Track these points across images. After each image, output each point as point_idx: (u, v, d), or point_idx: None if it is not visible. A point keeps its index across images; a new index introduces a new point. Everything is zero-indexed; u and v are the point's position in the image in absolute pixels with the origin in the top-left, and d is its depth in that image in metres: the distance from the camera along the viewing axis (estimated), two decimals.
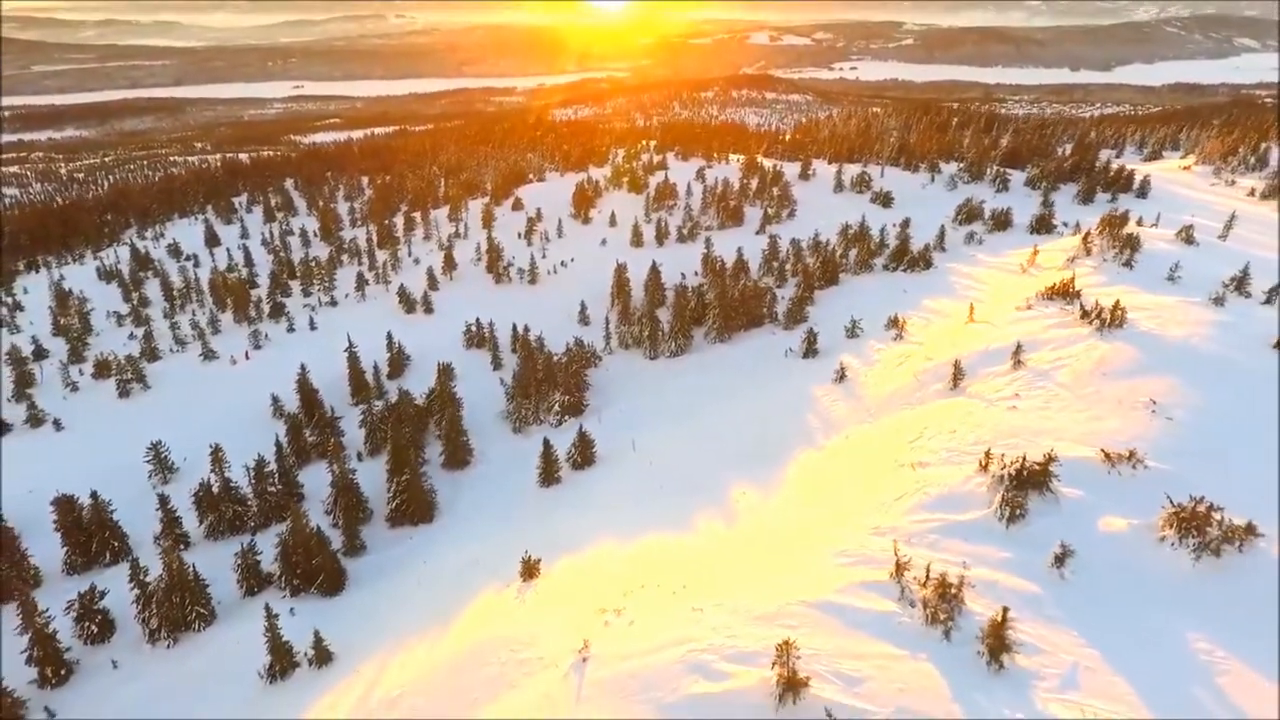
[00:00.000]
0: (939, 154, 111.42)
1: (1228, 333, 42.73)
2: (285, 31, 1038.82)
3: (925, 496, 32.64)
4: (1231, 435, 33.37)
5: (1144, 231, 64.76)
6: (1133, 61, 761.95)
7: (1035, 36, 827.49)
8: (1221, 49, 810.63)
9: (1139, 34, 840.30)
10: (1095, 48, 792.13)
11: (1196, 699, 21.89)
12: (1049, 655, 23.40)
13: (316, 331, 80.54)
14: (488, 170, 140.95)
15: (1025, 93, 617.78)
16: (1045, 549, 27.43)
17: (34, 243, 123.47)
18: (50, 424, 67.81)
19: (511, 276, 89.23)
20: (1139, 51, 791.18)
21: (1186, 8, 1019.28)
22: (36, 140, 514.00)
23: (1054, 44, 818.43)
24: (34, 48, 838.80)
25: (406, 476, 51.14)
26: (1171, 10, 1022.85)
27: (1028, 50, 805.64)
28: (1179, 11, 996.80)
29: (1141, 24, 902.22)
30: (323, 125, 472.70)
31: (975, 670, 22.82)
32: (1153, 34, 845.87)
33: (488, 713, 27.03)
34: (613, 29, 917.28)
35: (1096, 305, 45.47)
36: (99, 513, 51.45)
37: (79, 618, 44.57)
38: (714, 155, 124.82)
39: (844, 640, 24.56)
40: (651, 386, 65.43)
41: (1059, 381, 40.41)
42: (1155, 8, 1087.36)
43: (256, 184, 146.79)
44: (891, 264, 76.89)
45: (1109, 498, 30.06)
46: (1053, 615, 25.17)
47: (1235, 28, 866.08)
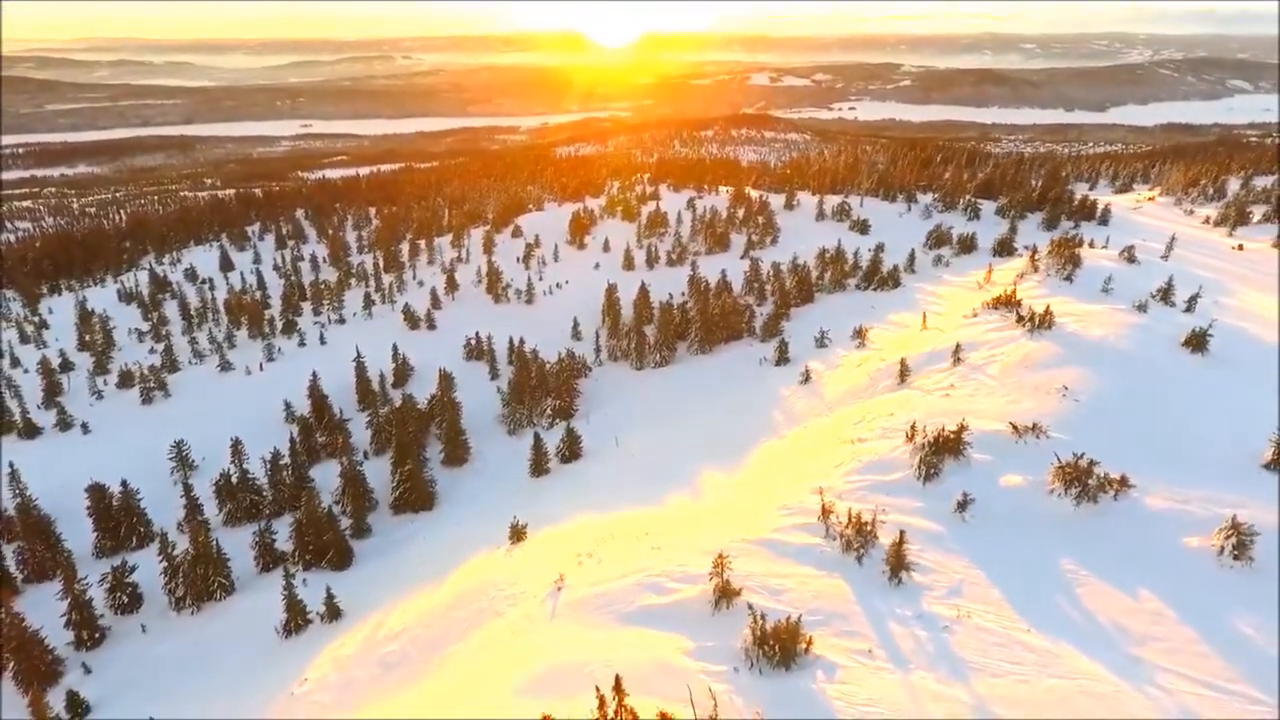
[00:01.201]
0: (917, 186, 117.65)
1: (1142, 333, 48.07)
2: (294, 72, 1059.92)
3: (859, 463, 37.76)
4: (1125, 412, 38.59)
5: (1091, 252, 70.34)
6: (1127, 102, 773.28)
7: (1030, 78, 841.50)
8: (1214, 90, 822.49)
9: (1132, 76, 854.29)
10: (1089, 89, 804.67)
11: (1056, 603, 26.83)
12: (941, 574, 28.36)
13: (326, 346, 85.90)
14: (490, 201, 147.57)
15: (1020, 132, 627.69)
16: (952, 499, 32.48)
17: (56, 268, 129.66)
18: (78, 427, 72.97)
19: (510, 297, 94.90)
20: (1133, 93, 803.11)
21: (1179, 51, 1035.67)
22: (49, 176, 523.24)
23: (1049, 85, 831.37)
24: (49, 86, 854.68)
25: (409, 467, 56.14)
26: (1165, 53, 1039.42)
27: (1023, 91, 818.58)
28: (1172, 54, 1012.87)
29: (1135, 66, 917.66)
30: (330, 162, 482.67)
31: (878, 584, 27.75)
32: (1146, 76, 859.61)
33: (476, 636, 31.83)
34: (616, 70, 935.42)
35: (1030, 311, 50.76)
36: (127, 500, 56.38)
37: (111, 589, 49.31)
38: (704, 187, 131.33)
39: (774, 565, 29.53)
40: (637, 393, 70.63)
41: (989, 374, 45.62)
42: (1148, 51, 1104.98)
43: (268, 214, 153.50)
44: (863, 283, 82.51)
45: (1013, 461, 35.16)
46: (950, 547, 30.15)
47: (1228, 70, 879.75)
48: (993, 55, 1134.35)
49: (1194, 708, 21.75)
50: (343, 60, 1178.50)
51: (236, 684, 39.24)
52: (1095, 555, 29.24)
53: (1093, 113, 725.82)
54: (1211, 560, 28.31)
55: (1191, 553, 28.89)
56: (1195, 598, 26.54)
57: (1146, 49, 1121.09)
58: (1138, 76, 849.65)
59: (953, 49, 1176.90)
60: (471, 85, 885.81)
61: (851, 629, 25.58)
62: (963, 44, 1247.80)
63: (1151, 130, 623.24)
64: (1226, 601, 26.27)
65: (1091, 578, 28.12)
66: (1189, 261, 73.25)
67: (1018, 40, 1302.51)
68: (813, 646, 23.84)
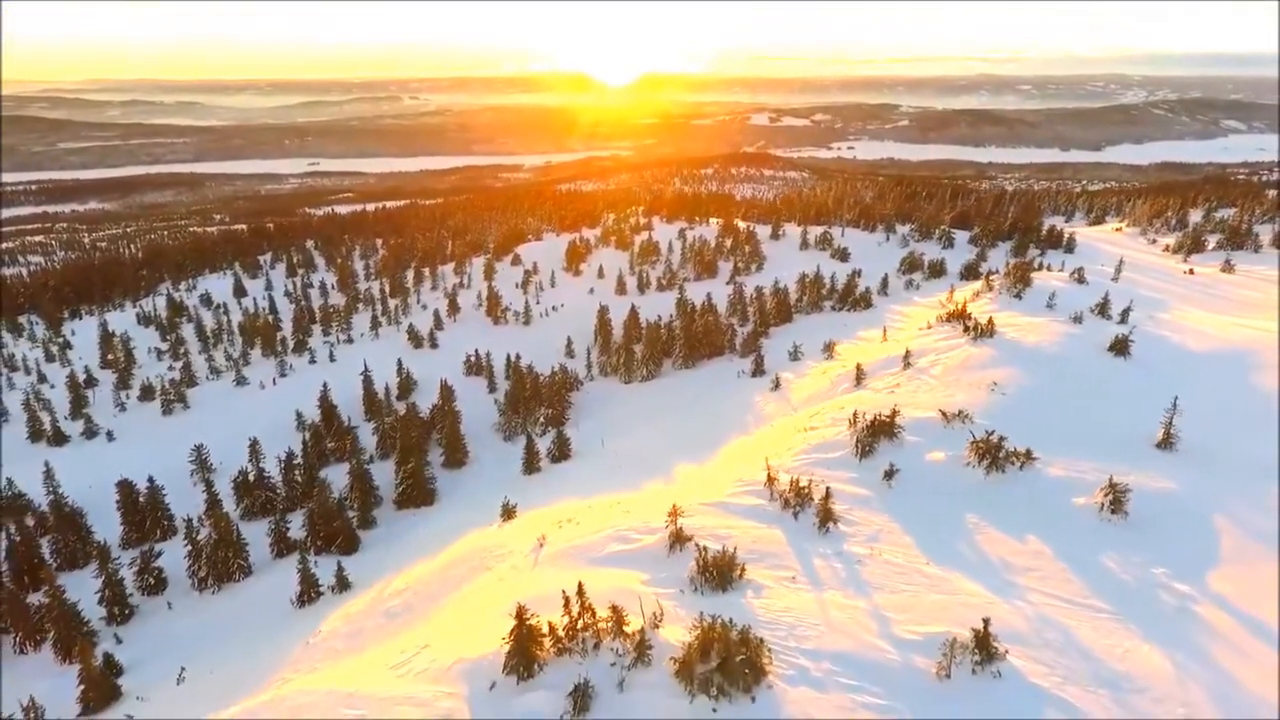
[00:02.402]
0: (897, 217, 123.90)
1: (1073, 340, 53.52)
2: (303, 111, 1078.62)
3: (808, 446, 43.05)
4: (1044, 403, 43.94)
5: (1043, 275, 76.06)
6: (1122, 142, 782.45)
7: (1027, 118, 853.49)
8: (1209, 130, 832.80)
9: (1128, 116, 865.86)
10: (1085, 129, 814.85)
11: (956, 546, 31.94)
12: (863, 526, 33.52)
13: (335, 363, 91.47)
14: (491, 232, 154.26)
15: (1017, 171, 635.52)
16: (881, 470, 37.69)
17: (77, 294, 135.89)
18: (103, 435, 78.34)
19: (508, 319, 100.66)
20: (1128, 133, 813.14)
21: (1174, 92, 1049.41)
22: (60, 212, 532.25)
23: (1045, 125, 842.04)
24: (61, 125, 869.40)
25: (412, 465, 61.33)
26: (1159, 94, 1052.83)
27: (1019, 131, 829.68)
28: (1167, 95, 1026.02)
29: (1130, 107, 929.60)
30: (336, 199, 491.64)
31: (809, 533, 32.92)
32: (1141, 116, 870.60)
33: (468, 586, 36.79)
34: (618, 110, 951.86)
35: (975, 322, 56.22)
36: (153, 495, 61.50)
37: (139, 571, 54.30)
38: (695, 219, 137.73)
39: (723, 520, 34.65)
40: (624, 403, 75.92)
41: (933, 375, 50.99)
42: (1143, 92, 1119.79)
43: (279, 244, 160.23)
44: (838, 305, 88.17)
45: (939, 441, 40.42)
46: (875, 507, 35.35)
47: (1221, 110, 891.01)
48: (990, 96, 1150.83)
49: (1049, 614, 26.86)
50: (351, 100, 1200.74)
51: (255, 645, 43.96)
52: (996, 512, 34.42)
53: (1089, 152, 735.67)
54: (1093, 515, 33.47)
55: (1077, 509, 34.05)
56: (1073, 542, 31.69)
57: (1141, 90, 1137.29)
58: (1133, 117, 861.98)
59: (950, 90, 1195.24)
60: (476, 125, 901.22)
61: (781, 564, 30.76)
62: (960, 85, 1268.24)
63: (1146, 169, 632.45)
64: (1098, 544, 31.42)
65: (989, 528, 33.30)
66: (1137, 283, 78.81)
67: (1014, 82, 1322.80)
68: (745, 574, 29.09)
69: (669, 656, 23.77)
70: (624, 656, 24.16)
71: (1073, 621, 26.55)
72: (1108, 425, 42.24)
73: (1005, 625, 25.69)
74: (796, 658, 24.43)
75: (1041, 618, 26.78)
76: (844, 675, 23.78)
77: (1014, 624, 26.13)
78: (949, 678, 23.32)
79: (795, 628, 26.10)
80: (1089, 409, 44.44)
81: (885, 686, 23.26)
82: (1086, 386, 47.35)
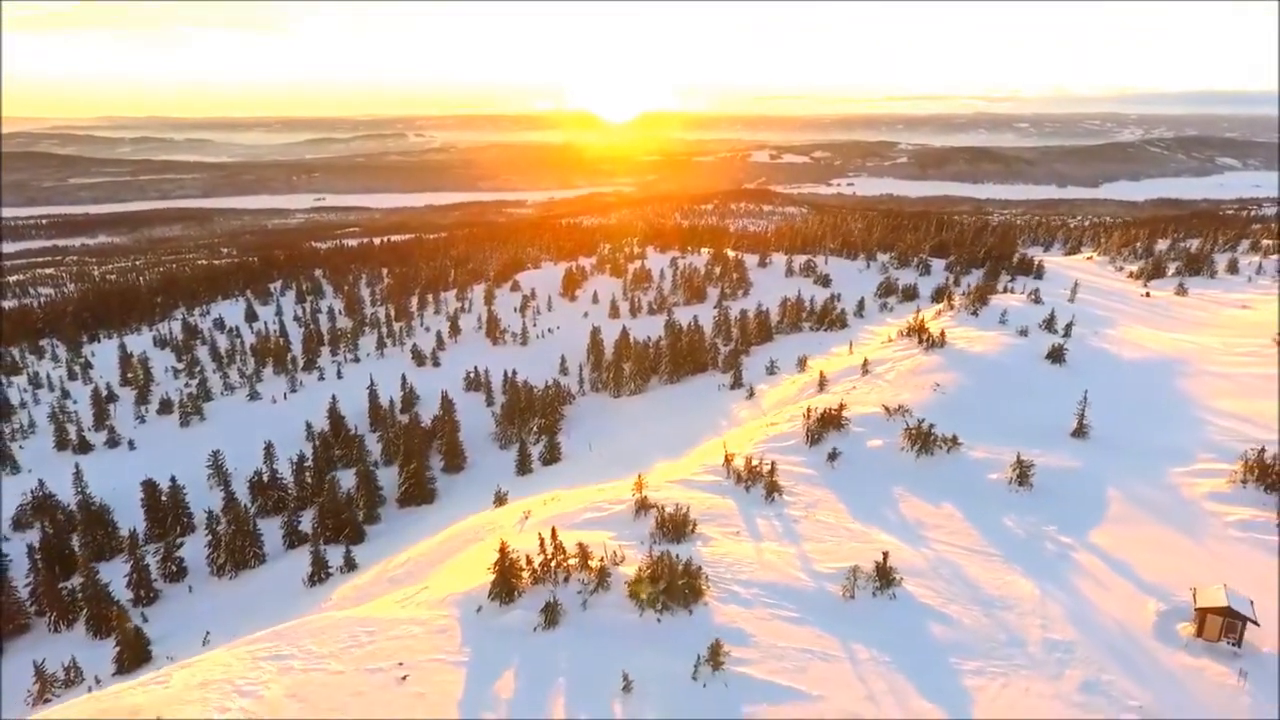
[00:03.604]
0: (879, 246, 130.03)
1: (1015, 349, 59.14)
2: (311, 148, 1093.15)
3: (767, 437, 48.41)
4: (978, 400, 49.52)
5: (1003, 296, 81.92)
6: (1119, 179, 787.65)
7: (1024, 156, 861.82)
8: (1204, 167, 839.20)
9: (1124, 154, 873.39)
10: (1082, 166, 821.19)
11: (880, 511, 37.26)
12: (805, 496, 38.81)
13: (342, 380, 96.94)
14: (492, 261, 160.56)
15: (1014, 206, 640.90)
16: (825, 454, 42.93)
17: (95, 318, 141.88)
18: (125, 445, 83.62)
19: (506, 340, 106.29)
20: (1125, 170, 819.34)
21: (1170, 130, 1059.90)
22: (70, 245, 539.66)
23: (1042, 163, 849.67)
24: (72, 161, 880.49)
25: (414, 466, 66.45)
26: (1156, 133, 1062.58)
27: (1017, 168, 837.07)
28: (1163, 134, 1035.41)
29: (1126, 144, 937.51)
30: (342, 233, 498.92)
31: (757, 502, 38.22)
32: (1137, 154, 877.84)
33: (461, 554, 41.85)
34: (621, 147, 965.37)
35: (929, 335, 61.70)
36: (175, 494, 66.63)
37: (163, 560, 59.23)
38: (687, 248, 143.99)
39: (684, 492, 39.91)
40: (613, 414, 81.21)
41: (886, 379, 56.44)
42: (1140, 130, 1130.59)
43: (289, 272, 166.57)
44: (816, 325, 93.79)
45: (880, 431, 45.82)
46: (817, 482, 40.66)
47: (1217, 148, 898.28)
48: (987, 134, 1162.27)
49: (947, 557, 32.12)
50: (357, 137, 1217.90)
51: (271, 616, 48.79)
52: (921, 486, 39.80)
53: (1086, 188, 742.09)
54: (1003, 487, 38.86)
55: (990, 483, 39.41)
56: (981, 507, 37.04)
57: (1138, 128, 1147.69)
58: (1129, 154, 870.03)
59: (949, 128, 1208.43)
60: (481, 161, 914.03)
61: (729, 523, 36.12)
62: (958, 123, 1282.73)
63: (1141, 205, 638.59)
64: (1003, 509, 36.83)
65: (912, 497, 38.65)
66: (1092, 304, 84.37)
67: (1012, 120, 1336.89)
68: (697, 529, 34.54)
69: (624, 582, 29.07)
70: (588, 585, 29.59)
71: (965, 562, 31.82)
72: (1033, 418, 47.61)
73: (908, 564, 31.01)
74: (731, 586, 29.74)
75: (940, 559, 32.06)
76: (767, 598, 29.10)
77: (915, 564, 31.42)
78: (852, 599, 28.69)
79: (733, 566, 31.43)
80: (1019, 405, 49.85)
81: (800, 605, 28.56)
82: (1020, 387, 52.86)
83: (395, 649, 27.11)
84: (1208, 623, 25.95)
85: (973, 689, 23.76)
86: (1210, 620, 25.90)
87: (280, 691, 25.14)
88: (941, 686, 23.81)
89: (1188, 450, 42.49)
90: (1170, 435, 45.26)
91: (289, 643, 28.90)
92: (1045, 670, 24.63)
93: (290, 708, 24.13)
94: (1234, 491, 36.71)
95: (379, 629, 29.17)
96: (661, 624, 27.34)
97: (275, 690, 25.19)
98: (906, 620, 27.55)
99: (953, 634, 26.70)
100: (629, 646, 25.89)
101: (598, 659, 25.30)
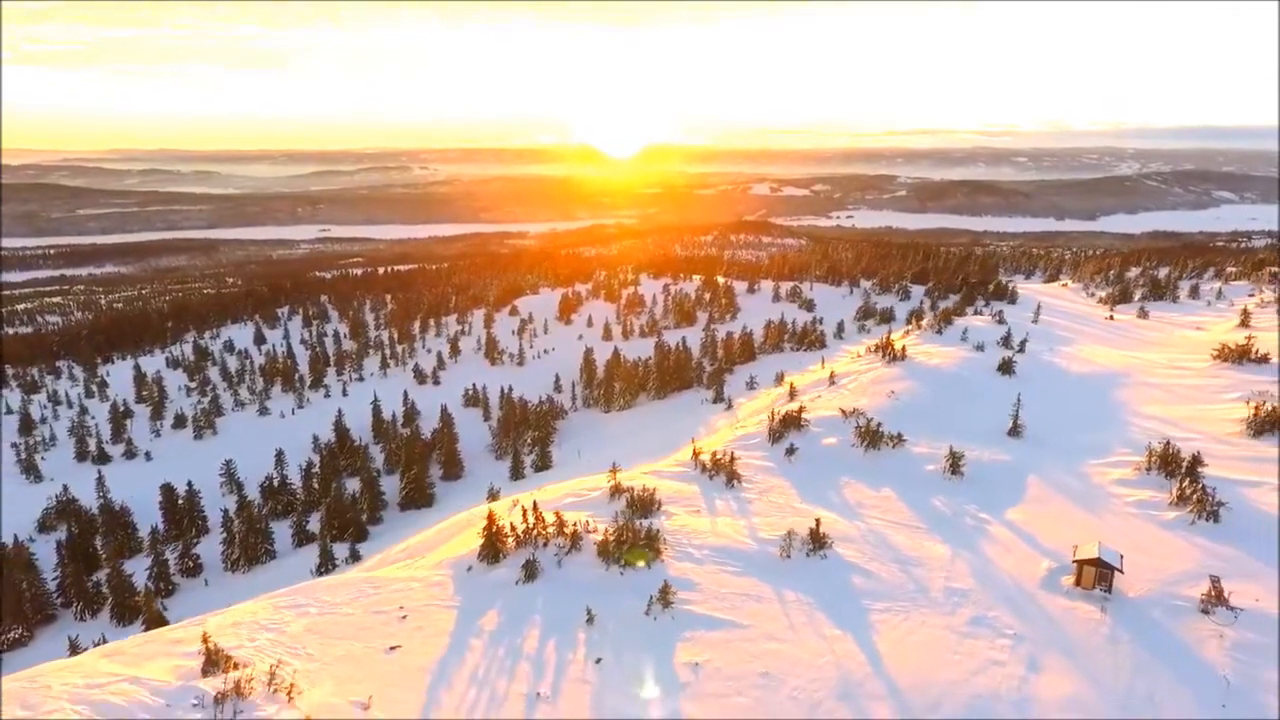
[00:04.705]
0: (862, 273, 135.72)
1: (969, 362, 64.21)
2: (316, 180, 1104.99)
3: (735, 436, 53.34)
4: (928, 405, 54.50)
5: (973, 318, 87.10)
6: (1116, 212, 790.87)
7: (1022, 189, 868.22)
8: (1201, 200, 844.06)
9: (1121, 187, 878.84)
10: (1080, 199, 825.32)
11: (826, 494, 42.03)
12: (761, 484, 43.65)
13: (348, 397, 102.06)
14: (492, 288, 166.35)
15: (1011, 239, 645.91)
16: (784, 450, 47.85)
17: (110, 341, 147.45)
18: (142, 456, 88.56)
19: (504, 360, 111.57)
20: (1122, 203, 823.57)
21: (1167, 164, 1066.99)
22: (78, 275, 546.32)
23: (1040, 196, 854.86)
24: (81, 193, 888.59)
25: (414, 472, 71.29)
26: (1152, 167, 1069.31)
27: (1015, 201, 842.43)
28: (1160, 167, 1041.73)
29: (1123, 178, 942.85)
30: (346, 263, 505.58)
31: (718, 488, 43.08)
32: (1135, 187, 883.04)
33: (455, 539, 46.56)
34: (623, 180, 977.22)
35: (892, 350, 66.84)
36: (191, 498, 71.44)
37: (181, 556, 63.92)
38: (680, 275, 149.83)
39: (654, 481, 44.74)
40: (603, 427, 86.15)
41: (849, 389, 61.46)
42: (1137, 164, 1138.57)
43: (296, 299, 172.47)
44: (796, 346, 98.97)
45: (835, 430, 50.71)
46: (774, 472, 45.49)
47: (1214, 182, 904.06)
48: (986, 168, 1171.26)
49: (877, 529, 36.95)
50: (362, 170, 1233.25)
51: None
52: (865, 475, 44.68)
53: (1083, 221, 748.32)
54: (939, 476, 43.71)
55: (927, 472, 44.28)
56: (916, 491, 41.87)
57: (1135, 162, 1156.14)
58: (1126, 188, 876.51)
59: (947, 162, 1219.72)
60: (484, 194, 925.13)
61: (691, 504, 41.02)
62: (957, 157, 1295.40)
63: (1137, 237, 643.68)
64: (934, 492, 41.67)
65: (856, 484, 43.53)
66: (1055, 325, 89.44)
67: (1010, 154, 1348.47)
68: (662, 507, 39.36)
69: (595, 544, 33.93)
70: (563, 548, 34.43)
71: (891, 532, 36.69)
72: (978, 421, 52.53)
73: (841, 533, 35.90)
74: (686, 549, 34.64)
75: (870, 530, 36.96)
76: (716, 557, 33.98)
77: (848, 532, 36.30)
78: (789, 558, 33.56)
79: (690, 535, 36.33)
80: (966, 410, 54.81)
81: (743, 563, 33.44)
82: (970, 395, 57.87)
83: (397, 598, 31.90)
84: (1084, 573, 30.71)
85: (877, 622, 28.55)
86: (1086, 570, 30.67)
87: (300, 628, 29.90)
88: (851, 620, 28.60)
89: (1108, 446, 47.33)
90: (1096, 435, 50.10)
91: (305, 596, 33.65)
92: (942, 609, 29.41)
93: (309, 639, 28.88)
94: (1139, 478, 41.49)
95: (384, 585, 33.99)
96: (624, 576, 32.19)
97: (295, 627, 29.95)
98: (832, 574, 32.37)
99: (870, 584, 31.50)
100: (595, 593, 30.70)
101: (568, 602, 30.12)
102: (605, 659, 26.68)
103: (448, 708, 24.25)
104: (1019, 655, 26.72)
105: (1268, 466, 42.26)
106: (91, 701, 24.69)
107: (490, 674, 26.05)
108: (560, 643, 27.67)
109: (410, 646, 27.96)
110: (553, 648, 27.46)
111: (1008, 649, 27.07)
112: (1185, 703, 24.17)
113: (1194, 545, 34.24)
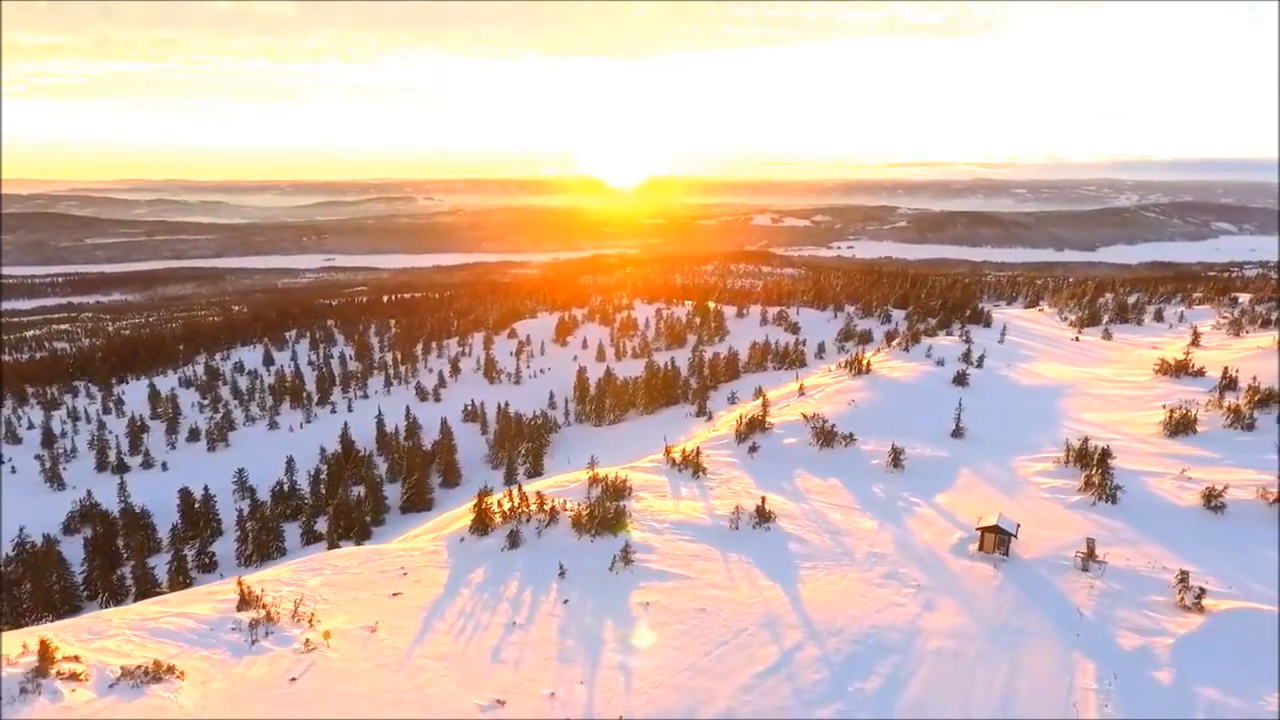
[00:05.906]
0: (846, 298, 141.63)
1: (928, 375, 69.76)
2: (321, 210, 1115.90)
3: (707, 438, 58.78)
4: (884, 412, 60.02)
5: (941, 338, 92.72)
6: (1115, 243, 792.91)
7: (1022, 220, 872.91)
8: (1199, 232, 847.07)
9: (1120, 218, 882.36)
10: (1079, 230, 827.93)
11: (779, 483, 47.34)
12: (725, 476, 49.04)
13: (353, 412, 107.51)
14: (492, 312, 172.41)
15: (1010, 269, 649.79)
16: (748, 448, 53.26)
17: (123, 363, 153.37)
18: (159, 466, 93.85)
19: (502, 379, 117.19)
20: (1121, 234, 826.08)
21: (1166, 195, 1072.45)
22: (85, 303, 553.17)
23: (1039, 227, 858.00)
24: (89, 223, 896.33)
25: (416, 477, 76.57)
26: (1151, 198, 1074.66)
27: (1015, 232, 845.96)
28: (1159, 199, 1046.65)
29: (1122, 209, 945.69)
30: (350, 291, 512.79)
31: (685, 479, 48.44)
32: (1133, 218, 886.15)
33: (450, 526, 51.78)
34: (625, 211, 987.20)
35: (859, 364, 72.39)
36: (207, 501, 76.70)
37: (198, 554, 69.03)
38: (673, 300, 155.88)
39: (629, 474, 50.02)
40: (593, 440, 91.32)
41: (815, 399, 66.91)
42: (1135, 195, 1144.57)
43: (303, 322, 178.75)
44: (778, 365, 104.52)
45: (795, 432, 56.12)
46: (737, 466, 50.87)
47: (1213, 213, 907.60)
48: (985, 199, 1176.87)
49: (819, 509, 42.25)
50: (367, 200, 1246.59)
51: None
52: (817, 468, 50.05)
53: (1082, 251, 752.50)
54: (882, 469, 49.08)
55: (872, 465, 49.65)
56: (860, 481, 47.20)
57: (1134, 194, 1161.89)
58: (1125, 219, 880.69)
59: (947, 193, 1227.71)
60: (488, 224, 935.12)
61: (659, 491, 46.36)
62: (957, 189, 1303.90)
63: (1135, 267, 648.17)
64: (875, 481, 47.07)
65: (807, 475, 48.88)
66: (1021, 345, 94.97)
67: (1009, 186, 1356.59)
68: (633, 493, 44.58)
69: (569, 518, 39.29)
70: (543, 521, 39.73)
71: (830, 511, 42.09)
72: (927, 424, 57.92)
73: (785, 511, 41.27)
74: (650, 523, 40.02)
75: (813, 509, 42.33)
76: (674, 530, 39.37)
77: (792, 511, 41.65)
78: (737, 529, 38.96)
79: (655, 513, 41.71)
80: (919, 416, 60.21)
81: (697, 533, 38.84)
82: (924, 403, 63.29)
83: (399, 562, 37.20)
84: (985, 539, 35.99)
85: (803, 575, 33.85)
86: (986, 537, 35.95)
87: (316, 583, 35.20)
88: (782, 574, 33.90)
89: (1039, 445, 52.71)
90: (1031, 436, 55.49)
91: (319, 563, 38.93)
92: (861, 567, 34.71)
93: (324, 590, 34.19)
94: (1057, 470, 46.82)
95: (387, 553, 39.32)
96: (594, 543, 37.52)
97: (313, 582, 35.24)
98: (772, 541, 37.69)
99: (803, 549, 36.81)
100: (569, 555, 36.04)
101: (545, 563, 35.47)
102: (572, 600, 32.04)
103: (440, 631, 29.64)
104: (918, 600, 31.98)
105: (1173, 461, 47.68)
106: (147, 629, 30.22)
107: (476, 610, 31.40)
108: (535, 590, 33.04)
109: (410, 594, 33.34)
110: (529, 593, 32.82)
111: (910, 595, 32.34)
112: (1047, 631, 29.44)
113: (1090, 520, 39.54)
